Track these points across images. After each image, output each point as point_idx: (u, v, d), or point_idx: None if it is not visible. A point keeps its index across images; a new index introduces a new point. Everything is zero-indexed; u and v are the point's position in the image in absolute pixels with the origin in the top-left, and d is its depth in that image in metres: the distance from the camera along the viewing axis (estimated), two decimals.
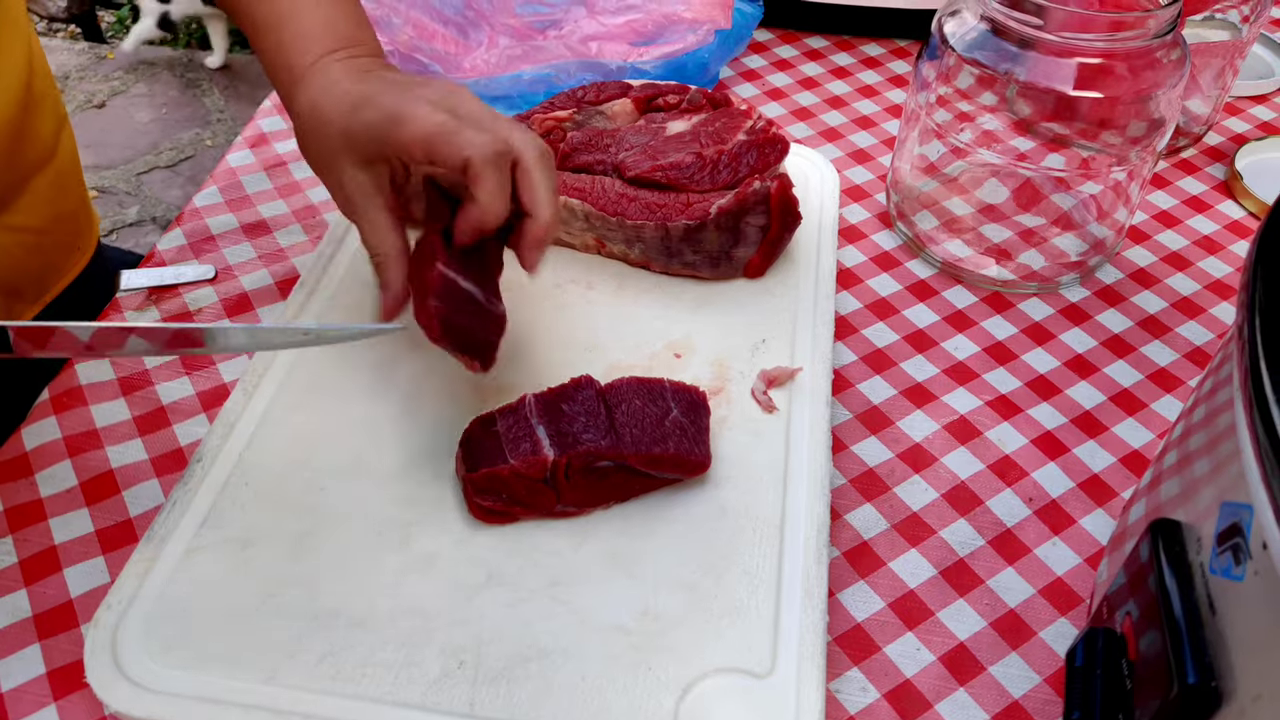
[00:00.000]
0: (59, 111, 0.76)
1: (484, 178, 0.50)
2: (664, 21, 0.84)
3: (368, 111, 0.52)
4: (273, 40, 0.56)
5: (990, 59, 0.67)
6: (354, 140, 0.52)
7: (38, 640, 0.52)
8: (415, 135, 0.50)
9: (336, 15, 0.57)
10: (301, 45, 0.56)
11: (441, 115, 0.50)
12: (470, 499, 0.54)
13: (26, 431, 0.61)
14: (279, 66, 0.56)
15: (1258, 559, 0.33)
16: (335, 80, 0.54)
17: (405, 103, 0.51)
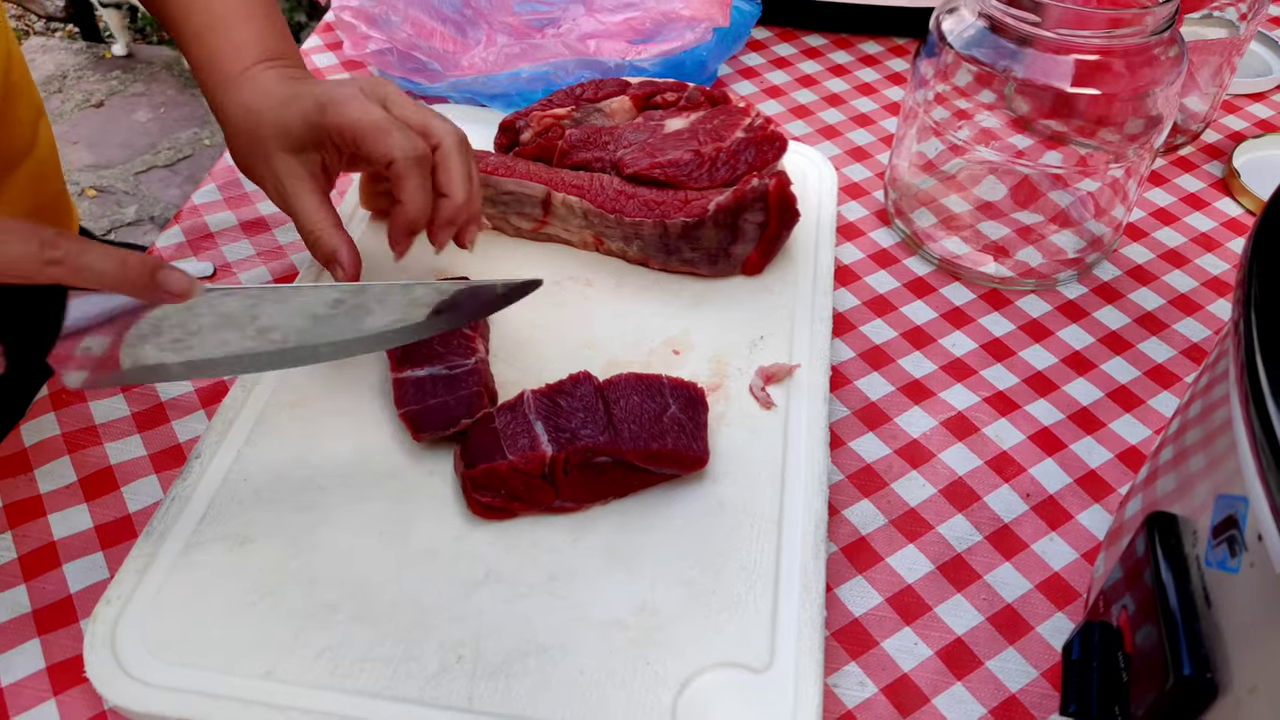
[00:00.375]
0: (35, 102, 0.76)
1: (407, 178, 0.55)
2: (662, 19, 0.84)
3: (301, 101, 0.56)
4: (205, 50, 0.60)
5: (988, 56, 0.67)
6: (287, 129, 0.56)
7: (37, 635, 0.52)
8: (346, 121, 0.55)
9: (265, 29, 0.61)
10: (233, 55, 0.60)
11: (375, 110, 0.55)
12: (469, 495, 0.55)
13: (26, 428, 0.61)
14: (211, 74, 0.60)
15: (1253, 551, 0.33)
16: (266, 85, 0.58)
17: (336, 89, 0.56)
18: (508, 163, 0.70)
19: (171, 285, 0.46)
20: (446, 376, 0.58)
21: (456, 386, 0.57)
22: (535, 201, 0.69)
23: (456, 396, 0.57)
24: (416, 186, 0.55)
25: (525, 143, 0.73)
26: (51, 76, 2.83)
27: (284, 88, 0.58)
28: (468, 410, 0.56)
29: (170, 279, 0.46)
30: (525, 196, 0.69)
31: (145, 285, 0.46)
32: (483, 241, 0.70)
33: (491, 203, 0.70)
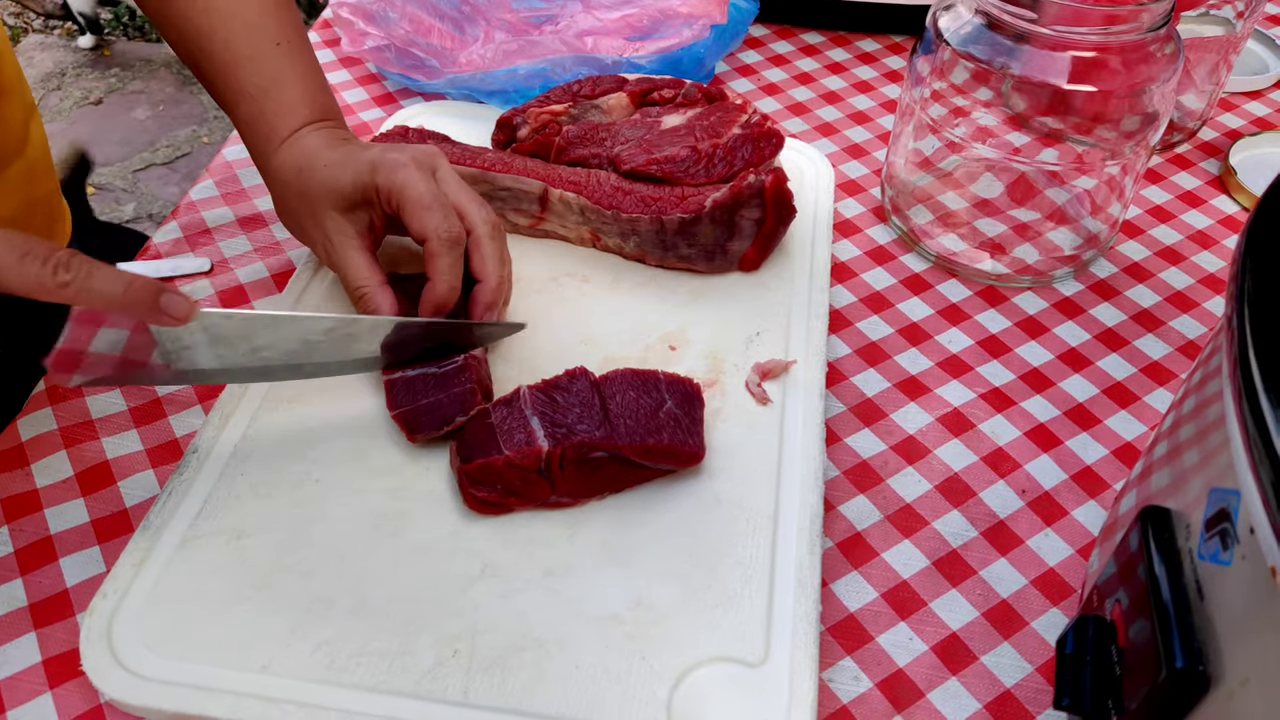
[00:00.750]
0: (27, 101, 0.76)
1: (439, 257, 0.57)
2: (660, 16, 0.84)
3: (353, 161, 0.58)
4: (256, 109, 0.61)
5: (985, 53, 0.67)
6: (338, 188, 0.59)
7: (34, 629, 0.52)
8: (394, 185, 0.57)
9: (315, 90, 0.63)
10: (284, 116, 0.61)
11: (422, 182, 0.57)
12: (465, 490, 0.55)
13: (23, 422, 0.61)
14: (259, 133, 0.61)
15: (1245, 544, 0.33)
16: (315, 146, 0.60)
17: (389, 154, 0.58)
18: (505, 159, 0.70)
19: (173, 310, 0.48)
20: (438, 375, 0.58)
21: (448, 384, 0.57)
22: (532, 197, 0.69)
23: (449, 394, 0.57)
24: (447, 267, 0.57)
25: (523, 139, 0.73)
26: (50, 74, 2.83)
27: (333, 149, 0.60)
28: (461, 408, 0.56)
29: (172, 304, 0.48)
30: (522, 192, 0.69)
31: (148, 309, 0.48)
32: None
33: (488, 199, 0.70)
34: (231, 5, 0.61)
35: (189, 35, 0.61)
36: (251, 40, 0.61)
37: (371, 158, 0.58)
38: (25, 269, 0.44)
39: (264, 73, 0.61)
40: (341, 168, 0.59)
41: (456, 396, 0.57)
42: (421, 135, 0.72)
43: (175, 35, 0.63)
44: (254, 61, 0.61)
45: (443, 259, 0.57)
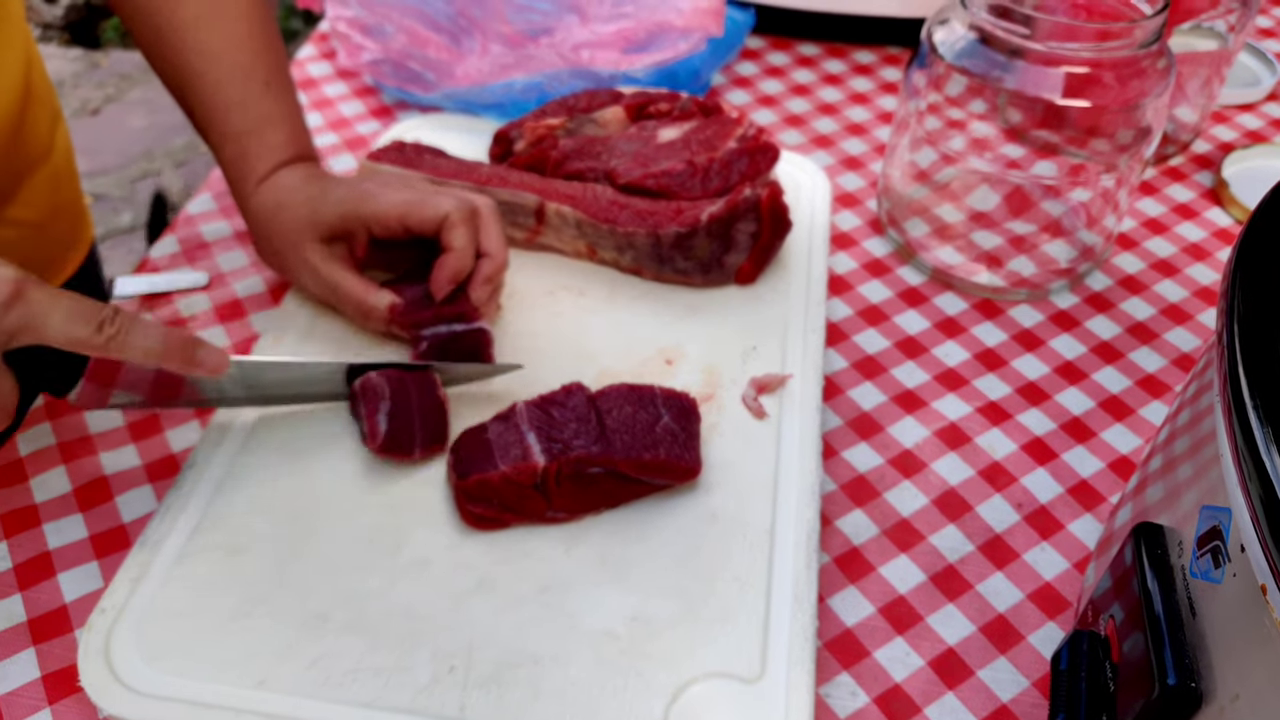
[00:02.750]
0: (54, 107, 0.77)
1: (458, 228, 0.60)
2: (656, 29, 0.85)
3: (335, 194, 0.62)
4: (240, 149, 0.63)
5: (979, 67, 0.67)
6: (321, 221, 0.62)
7: (32, 645, 0.52)
8: (388, 205, 0.61)
9: (296, 132, 0.65)
10: (265, 156, 0.63)
11: (411, 191, 0.62)
12: (461, 505, 0.55)
13: (22, 437, 0.61)
14: (241, 171, 0.64)
15: (1236, 561, 0.33)
16: (294, 183, 0.63)
17: (367, 187, 0.62)
18: (501, 173, 0.71)
19: (207, 362, 0.52)
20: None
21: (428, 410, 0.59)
22: (529, 211, 0.69)
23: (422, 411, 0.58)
24: (467, 236, 0.61)
25: (519, 153, 0.73)
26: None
27: (313, 185, 0.63)
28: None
29: (206, 356, 0.52)
30: (519, 206, 0.69)
31: (183, 362, 0.51)
32: None
33: None
34: (223, 47, 0.62)
35: (180, 73, 0.63)
36: (241, 84, 0.63)
37: (352, 189, 0.62)
38: (72, 328, 0.48)
39: (250, 116, 0.63)
40: (323, 201, 0.61)
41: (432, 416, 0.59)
42: (418, 149, 0.73)
43: (167, 71, 0.64)
44: (243, 106, 0.63)
45: (459, 230, 0.60)
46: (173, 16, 0.62)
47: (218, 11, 0.62)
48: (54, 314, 0.47)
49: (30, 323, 0.47)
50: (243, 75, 0.63)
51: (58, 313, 0.47)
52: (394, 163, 0.70)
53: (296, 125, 0.65)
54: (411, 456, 0.57)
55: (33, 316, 0.47)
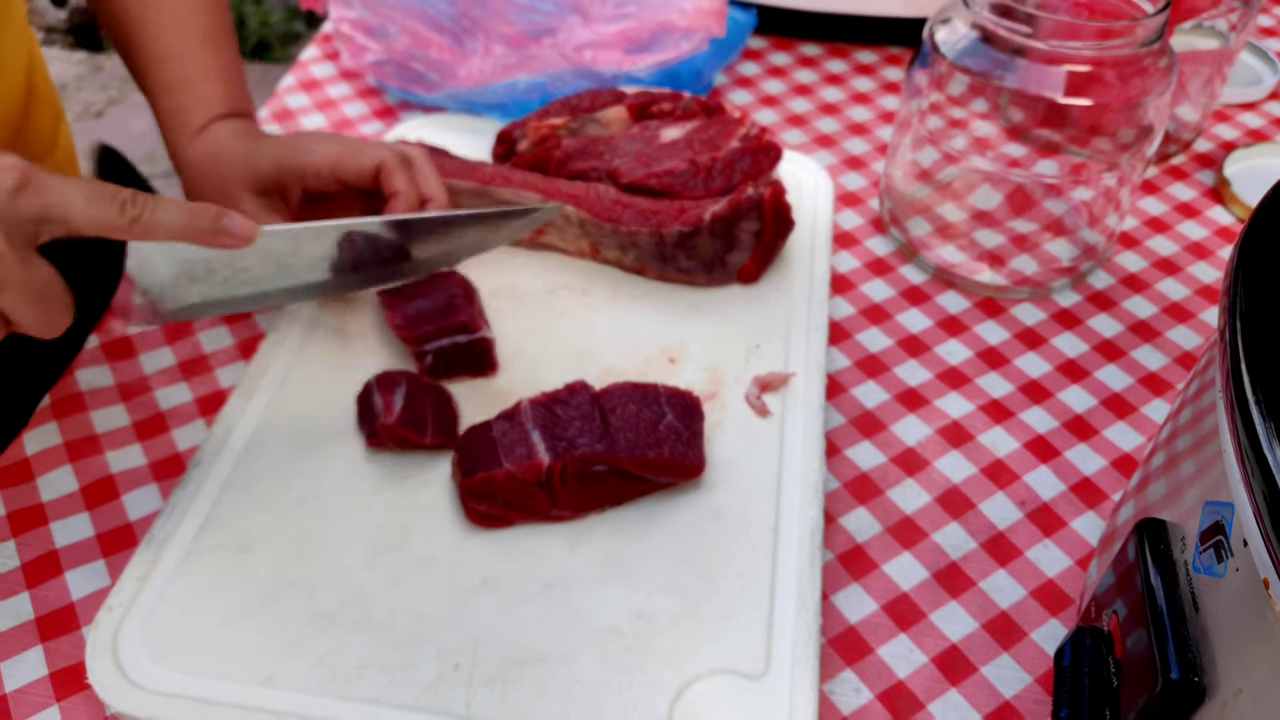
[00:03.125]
0: (56, 107, 0.78)
1: (397, 173, 0.61)
2: (658, 29, 0.85)
3: (270, 149, 0.63)
4: (175, 101, 0.64)
5: (981, 66, 0.67)
6: (257, 173, 0.62)
7: (40, 642, 0.52)
8: (323, 158, 0.61)
9: (232, 87, 0.66)
10: (200, 109, 0.64)
11: (339, 143, 0.62)
12: (466, 503, 0.55)
13: (28, 437, 0.62)
14: (175, 124, 0.65)
15: (1238, 556, 0.33)
16: (228, 136, 0.64)
17: (300, 139, 0.63)
18: (505, 172, 0.71)
19: (236, 230, 0.51)
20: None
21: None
22: None
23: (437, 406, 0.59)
24: (408, 179, 0.61)
25: (522, 152, 0.74)
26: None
27: (247, 139, 0.64)
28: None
29: (234, 225, 0.51)
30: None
31: (211, 232, 0.51)
32: None
33: None
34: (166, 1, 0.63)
35: (125, 24, 0.64)
36: (181, 35, 0.64)
37: (287, 143, 0.63)
38: (94, 210, 0.47)
39: (188, 67, 0.64)
40: (259, 154, 0.62)
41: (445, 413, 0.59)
42: (421, 149, 0.73)
43: (113, 24, 0.65)
44: (180, 57, 0.64)
45: (400, 174, 0.61)
46: None
47: None
48: (73, 197, 0.47)
49: (50, 211, 0.46)
50: (183, 28, 0.64)
51: (77, 196, 0.47)
52: None
53: (234, 81, 0.66)
54: (424, 440, 0.57)
55: (51, 205, 0.46)
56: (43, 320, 0.48)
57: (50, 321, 0.48)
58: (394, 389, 0.58)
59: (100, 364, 0.66)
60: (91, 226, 0.47)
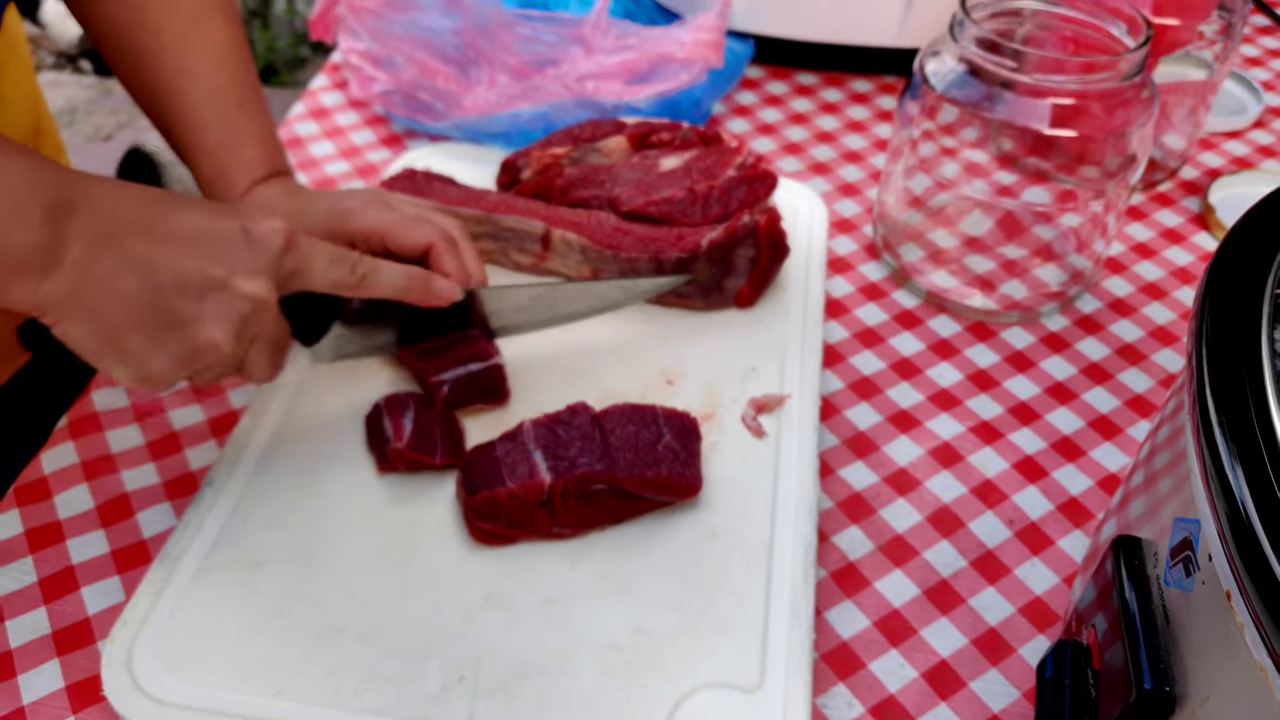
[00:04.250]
0: (56, 140, 0.80)
1: (447, 254, 0.63)
2: (658, 60, 0.87)
3: (316, 210, 0.64)
4: (217, 165, 0.66)
5: (970, 98, 0.70)
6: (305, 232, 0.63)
7: (57, 656, 0.54)
8: (370, 224, 0.63)
9: (271, 149, 0.67)
10: (243, 172, 0.66)
11: (392, 212, 0.64)
12: (470, 521, 0.57)
13: (46, 456, 0.64)
14: (219, 187, 0.66)
15: (1204, 570, 0.35)
16: (272, 198, 0.65)
17: (348, 200, 0.65)
18: (508, 200, 0.73)
19: (443, 293, 0.60)
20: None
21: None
22: (535, 237, 0.71)
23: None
24: (457, 260, 0.64)
25: (525, 181, 0.76)
26: (61, 111, 2.88)
27: (293, 199, 0.65)
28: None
29: (442, 288, 0.60)
30: (525, 233, 0.71)
31: (424, 293, 0.59)
32: None
33: (493, 238, 0.72)
34: (202, 69, 0.65)
35: (159, 93, 0.65)
36: (219, 104, 0.65)
37: (332, 206, 0.64)
38: (332, 271, 0.55)
39: (226, 133, 0.66)
40: (304, 215, 0.64)
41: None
42: (428, 177, 0.75)
43: (145, 93, 0.66)
44: (219, 124, 0.65)
45: (449, 256, 0.63)
46: (153, 42, 0.64)
47: (196, 37, 0.65)
48: (317, 258, 0.53)
49: (300, 268, 0.53)
50: (219, 95, 0.65)
51: (320, 257, 0.54)
52: (405, 190, 0.73)
53: (270, 142, 0.68)
54: (434, 461, 0.59)
55: (303, 262, 0.53)
56: (272, 369, 0.55)
57: (276, 370, 0.55)
58: (403, 413, 0.59)
59: (116, 385, 0.68)
60: (328, 284, 0.55)
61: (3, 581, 0.57)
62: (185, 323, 0.49)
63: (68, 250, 0.46)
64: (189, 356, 0.50)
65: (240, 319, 0.50)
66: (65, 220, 0.46)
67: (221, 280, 0.50)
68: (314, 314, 0.59)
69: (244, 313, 0.50)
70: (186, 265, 0.49)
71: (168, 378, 0.50)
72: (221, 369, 0.52)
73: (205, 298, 0.49)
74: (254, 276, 0.50)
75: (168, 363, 0.49)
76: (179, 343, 0.49)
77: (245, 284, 0.50)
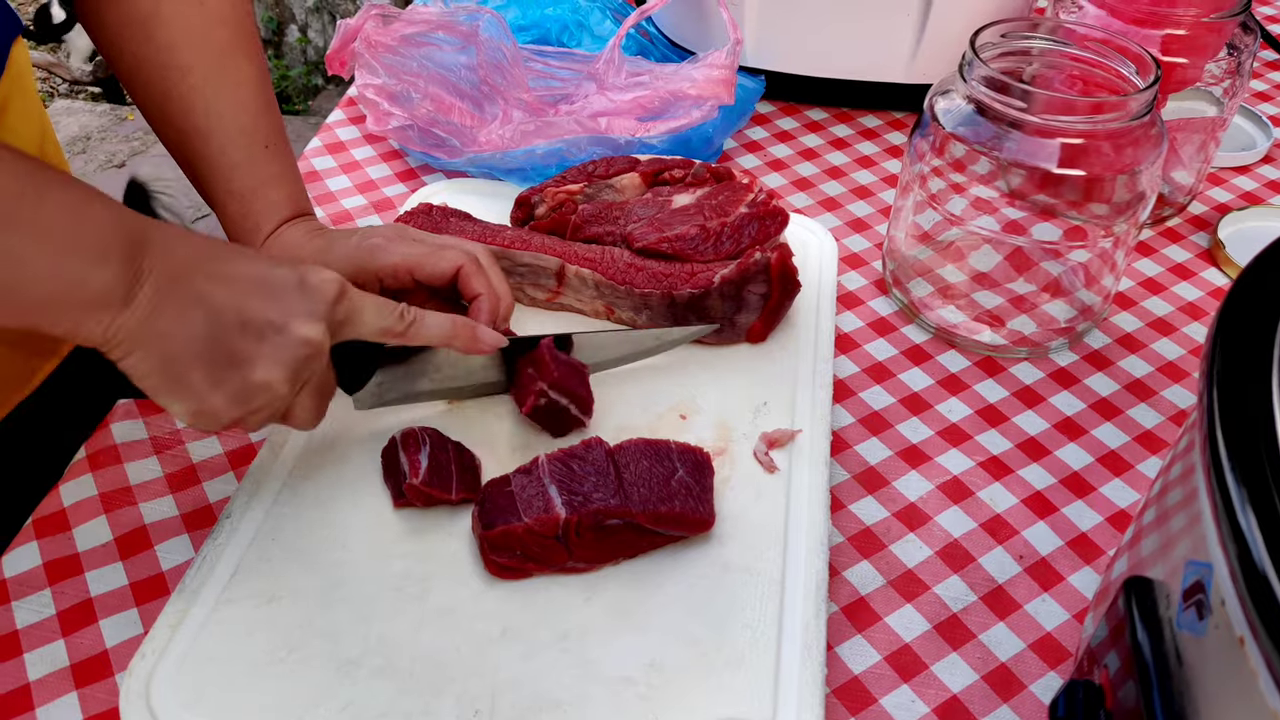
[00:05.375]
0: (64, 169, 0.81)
1: (477, 276, 0.64)
2: (670, 98, 0.88)
3: (344, 248, 0.65)
4: (242, 208, 0.66)
5: (978, 137, 0.70)
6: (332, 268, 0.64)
7: (75, 688, 0.55)
8: (398, 258, 0.64)
9: (295, 189, 0.69)
10: (268, 214, 0.67)
11: (416, 245, 0.65)
12: (486, 555, 0.57)
13: (64, 488, 0.64)
14: (245, 229, 0.67)
15: (1217, 614, 0.35)
16: (298, 238, 0.66)
17: (371, 237, 0.65)
18: (524, 236, 0.74)
19: (487, 340, 0.61)
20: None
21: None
22: (550, 273, 0.72)
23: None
24: (485, 283, 0.65)
25: (540, 217, 0.77)
26: (76, 138, 2.91)
27: (318, 238, 0.66)
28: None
29: (486, 336, 0.61)
30: (540, 268, 0.72)
31: (469, 340, 0.61)
32: None
33: (508, 274, 0.73)
34: (228, 110, 0.66)
35: (187, 133, 0.66)
36: (245, 146, 0.66)
37: (358, 243, 0.65)
38: (380, 319, 0.57)
39: (253, 175, 0.66)
40: (329, 252, 0.65)
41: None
42: (445, 213, 0.76)
43: (170, 132, 0.66)
44: (246, 166, 0.66)
45: (478, 278, 0.65)
46: (180, 82, 0.65)
47: (223, 78, 0.66)
48: (367, 308, 0.56)
49: (350, 316, 0.55)
50: (246, 137, 0.66)
51: (369, 307, 0.56)
52: (422, 225, 0.74)
53: (294, 183, 0.69)
54: (450, 497, 0.59)
55: (353, 311, 0.55)
56: (316, 415, 0.56)
57: (319, 417, 0.56)
58: (418, 449, 0.60)
59: (134, 418, 0.69)
60: (376, 331, 0.57)
61: (22, 614, 0.58)
62: (244, 361, 0.51)
63: (141, 288, 0.48)
64: (245, 395, 0.51)
65: (295, 362, 0.52)
66: (140, 259, 0.48)
67: (280, 324, 0.51)
68: (357, 363, 0.61)
69: (299, 356, 0.52)
70: (249, 306, 0.51)
71: (223, 415, 0.52)
72: (272, 411, 0.53)
73: (265, 339, 0.51)
74: (310, 321, 0.52)
75: (224, 400, 0.51)
76: (237, 381, 0.51)
77: (302, 328, 0.52)
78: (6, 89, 0.68)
